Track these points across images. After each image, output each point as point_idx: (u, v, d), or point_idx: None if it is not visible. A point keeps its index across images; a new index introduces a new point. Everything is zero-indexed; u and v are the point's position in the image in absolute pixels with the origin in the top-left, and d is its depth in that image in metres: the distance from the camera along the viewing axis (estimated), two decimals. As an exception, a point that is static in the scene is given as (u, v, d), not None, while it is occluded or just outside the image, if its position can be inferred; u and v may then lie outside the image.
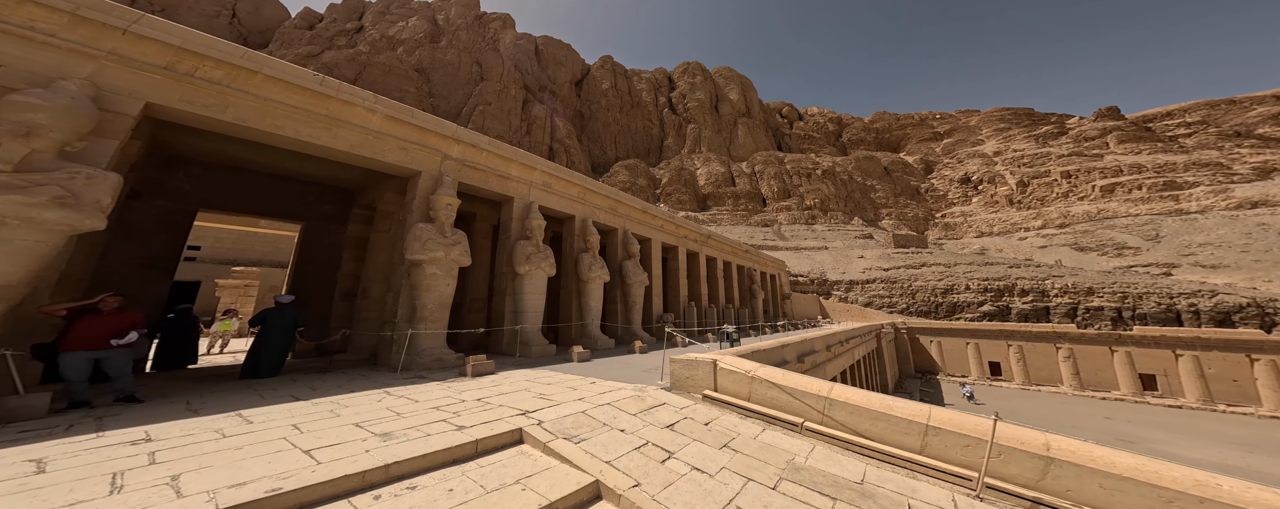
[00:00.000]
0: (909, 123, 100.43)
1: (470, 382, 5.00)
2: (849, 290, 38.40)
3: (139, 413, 3.55)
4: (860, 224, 64.10)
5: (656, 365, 6.64)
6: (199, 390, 4.68)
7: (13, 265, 3.32)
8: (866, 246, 51.19)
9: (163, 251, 7.45)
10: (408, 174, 7.89)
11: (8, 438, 2.83)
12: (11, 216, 3.22)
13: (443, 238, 7.27)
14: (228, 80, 5.20)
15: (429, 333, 6.68)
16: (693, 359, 4.37)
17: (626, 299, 12.66)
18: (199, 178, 7.96)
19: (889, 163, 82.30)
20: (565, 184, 11.47)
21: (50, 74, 3.93)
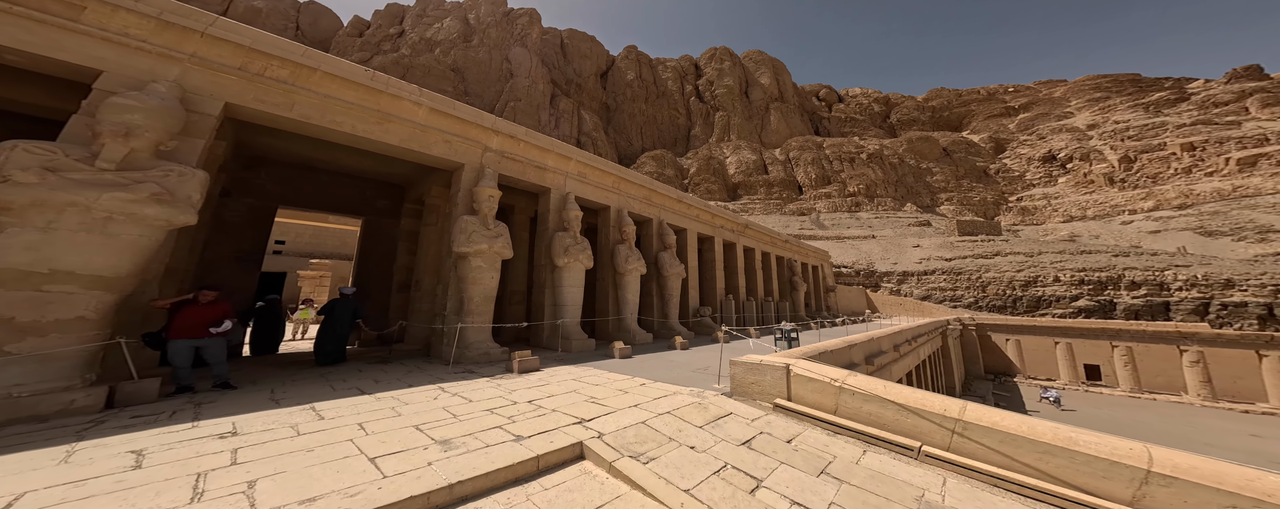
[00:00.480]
0: (973, 99, 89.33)
1: (517, 379, 5.00)
2: (902, 282, 35.26)
3: (230, 401, 3.87)
4: (914, 210, 58.52)
5: (706, 365, 6.30)
6: (281, 378, 5.10)
7: (121, 259, 3.66)
8: (923, 235, 46.62)
9: (251, 246, 8.28)
10: (452, 167, 8.05)
11: (120, 423, 3.16)
12: (118, 213, 3.52)
13: (486, 230, 7.35)
14: (292, 79, 5.45)
15: (476, 327, 6.82)
16: (758, 362, 3.96)
17: (663, 292, 12.36)
18: (278, 177, 8.72)
19: (949, 143, 73.90)
20: (599, 174, 11.26)
21: (142, 77, 4.27)
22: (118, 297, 3.71)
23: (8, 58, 3.87)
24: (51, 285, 3.33)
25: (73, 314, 3.41)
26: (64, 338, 3.36)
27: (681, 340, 8.79)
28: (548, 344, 8.74)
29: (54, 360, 3.30)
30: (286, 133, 6.99)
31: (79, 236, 3.38)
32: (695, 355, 7.64)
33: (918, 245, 41.09)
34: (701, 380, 4.99)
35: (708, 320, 13.45)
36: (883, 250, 41.11)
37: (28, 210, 3.18)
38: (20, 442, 2.67)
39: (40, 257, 3.24)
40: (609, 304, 10.85)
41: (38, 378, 3.23)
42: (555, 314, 8.94)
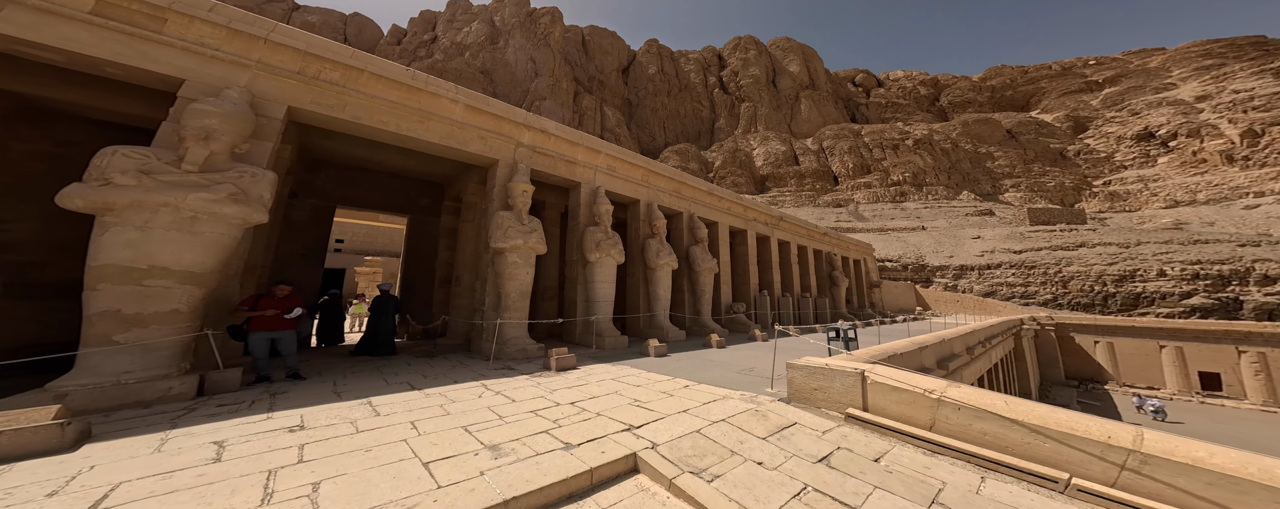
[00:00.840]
0: (1044, 75, 79.14)
1: (556, 377, 5.00)
2: (959, 277, 32.12)
3: (299, 392, 4.17)
4: (972, 199, 53.15)
5: (750, 365, 6.00)
6: (342, 370, 5.49)
7: (206, 255, 4.00)
8: (984, 225, 42.19)
9: (315, 243, 9.04)
10: (487, 163, 8.22)
11: (207, 411, 3.47)
12: (202, 212, 3.84)
13: (521, 225, 7.44)
14: (342, 80, 5.75)
15: (513, 323, 6.95)
16: (823, 367, 3.59)
17: (695, 288, 12.03)
18: (336, 179, 9.44)
19: (1014, 124, 66.16)
20: (629, 167, 11.09)
21: (217, 84, 4.66)
22: (206, 291, 4.08)
23: (109, 71, 4.35)
24: (150, 280, 3.71)
25: (169, 307, 3.78)
26: (162, 329, 3.74)
27: (717, 338, 8.47)
28: (581, 341, 8.77)
29: (154, 350, 3.69)
30: (341, 135, 7.47)
31: (171, 235, 3.73)
32: (734, 355, 7.31)
33: (978, 237, 37.21)
34: (750, 383, 4.73)
35: (742, 317, 12.95)
36: (935, 243, 37.68)
37: (128, 210, 3.55)
38: (126, 427, 3.01)
39: (140, 253, 3.62)
40: (640, 300, 10.72)
41: (142, 366, 3.61)
42: (587, 310, 8.95)
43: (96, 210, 3.49)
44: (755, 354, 7.36)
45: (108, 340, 3.50)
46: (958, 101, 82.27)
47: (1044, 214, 39.32)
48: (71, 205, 3.42)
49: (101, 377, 3.42)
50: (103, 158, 3.58)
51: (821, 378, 3.57)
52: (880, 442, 2.90)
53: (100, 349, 3.46)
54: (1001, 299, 29.46)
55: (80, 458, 2.39)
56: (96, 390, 3.36)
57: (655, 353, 6.96)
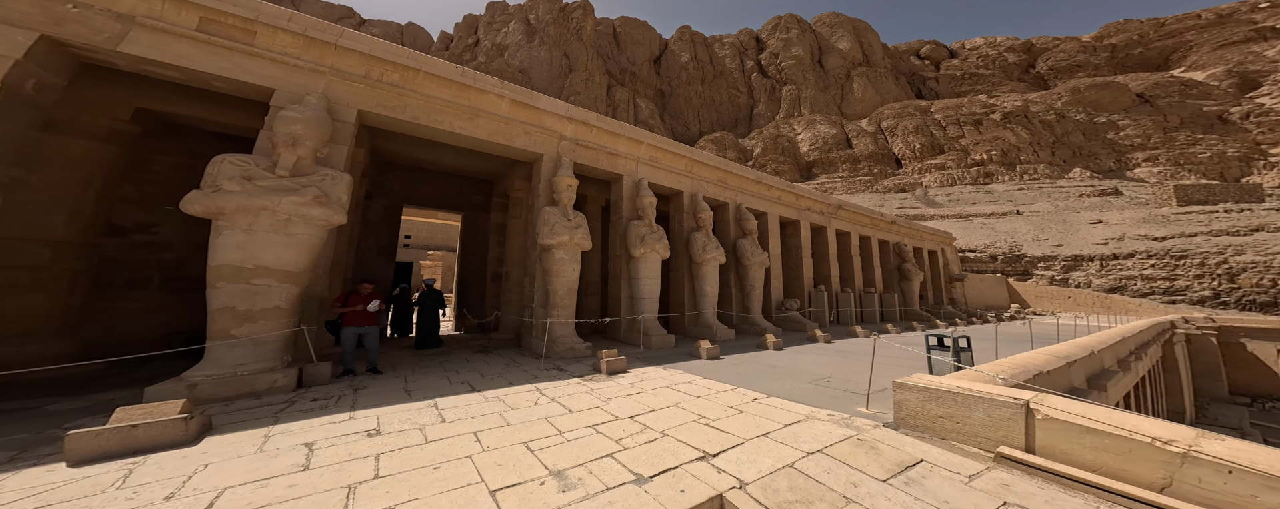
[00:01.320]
0: (1189, 25, 63.03)
1: (608, 382, 4.91)
2: (1070, 269, 26.96)
3: (377, 388, 4.52)
4: (1088, 176, 44.44)
5: (824, 374, 5.44)
6: (412, 366, 5.95)
7: (299, 255, 4.42)
8: (1107, 207, 35.00)
9: (387, 241, 10.02)
10: (531, 158, 8.34)
11: (303, 406, 3.78)
12: (293, 215, 4.23)
13: (567, 221, 7.43)
14: (401, 82, 6.09)
15: (561, 322, 7.01)
16: (955, 391, 2.92)
17: (743, 283, 11.34)
18: (401, 180, 10.34)
19: (1149, 87, 53.77)
20: (671, 157, 10.66)
21: (299, 92, 5.14)
22: (300, 289, 4.57)
23: (216, 85, 4.99)
24: (256, 279, 4.19)
25: (271, 304, 4.27)
26: (267, 325, 4.23)
27: (773, 339, 7.84)
28: (625, 339, 8.66)
29: (263, 344, 4.17)
30: (402, 137, 8.03)
31: (270, 236, 4.18)
32: (798, 359, 6.68)
33: (1099, 221, 30.90)
34: (833, 400, 4.20)
35: (796, 315, 11.99)
36: (1036, 229, 32.03)
37: (236, 214, 4.03)
38: (239, 420, 3.43)
39: (247, 254, 4.11)
40: (685, 297, 10.34)
41: (253, 359, 4.10)
42: (632, 308, 8.80)
43: (211, 214, 4.01)
44: (822, 360, 6.65)
45: (227, 334, 4.03)
46: (1062, 66, 68.80)
47: (1198, 191, 31.42)
48: (192, 210, 3.96)
49: (223, 368, 3.93)
50: (214, 166, 4.09)
51: (952, 404, 2.89)
52: (1069, 500, 2.17)
53: (221, 342, 4.00)
54: (1133, 296, 24.18)
55: (199, 454, 2.74)
56: (219, 380, 3.85)
57: (707, 355, 6.58)
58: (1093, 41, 70.54)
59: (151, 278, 6.57)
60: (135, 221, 6.31)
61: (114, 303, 6.08)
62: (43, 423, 3.41)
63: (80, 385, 4.50)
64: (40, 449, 2.81)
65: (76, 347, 5.14)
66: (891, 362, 6.32)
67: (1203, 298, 22.36)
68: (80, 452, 2.54)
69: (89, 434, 2.57)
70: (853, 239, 15.97)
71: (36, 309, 4.74)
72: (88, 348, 5.51)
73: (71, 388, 4.42)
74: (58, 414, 3.66)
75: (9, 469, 2.53)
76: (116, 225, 6.19)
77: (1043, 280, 27.83)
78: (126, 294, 6.23)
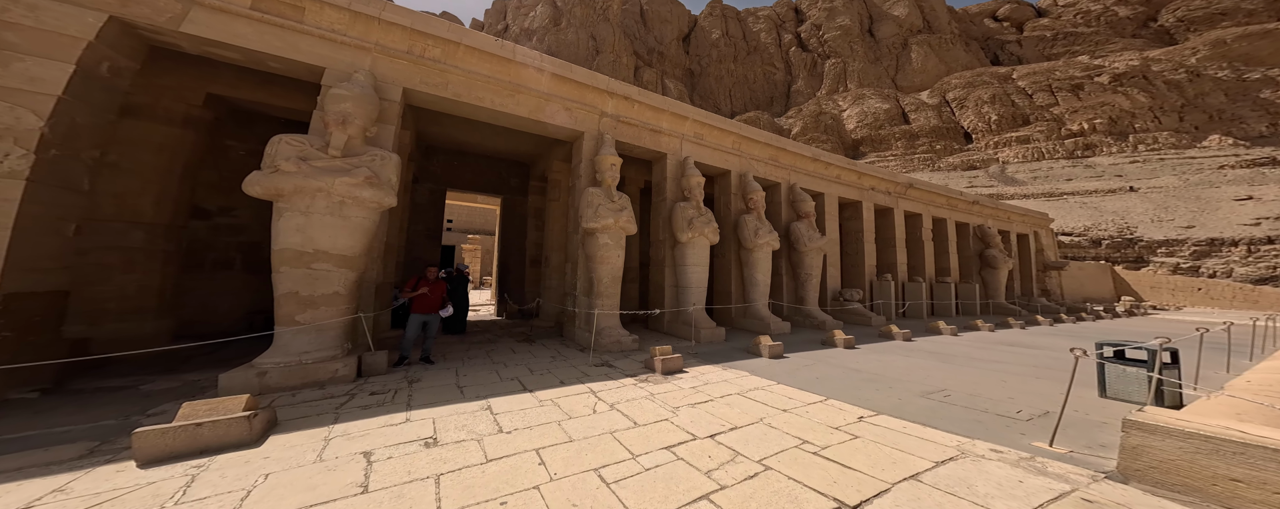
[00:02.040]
0: None
1: (665, 384, 4.52)
2: (1203, 256, 22.46)
3: (430, 383, 4.39)
4: (1230, 145, 36.62)
5: (939, 386, 4.59)
6: (459, 354, 5.97)
7: (353, 239, 4.36)
8: (1260, 180, 28.62)
9: (433, 224, 10.32)
10: (572, 136, 7.98)
11: (361, 402, 3.69)
12: (347, 197, 4.16)
13: (611, 203, 7.02)
14: (443, 57, 5.91)
15: (606, 313, 6.67)
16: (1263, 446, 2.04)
17: (797, 271, 10.39)
18: (443, 164, 10.57)
19: None
20: (718, 133, 9.82)
21: (347, 70, 5.07)
22: (357, 274, 4.53)
23: (272, 65, 5.06)
24: (315, 264, 4.13)
25: (331, 289, 4.25)
26: (329, 311, 4.22)
27: (842, 335, 6.99)
28: (670, 330, 8.22)
29: (324, 331, 4.18)
30: (445, 118, 7.97)
31: (327, 219, 4.16)
32: (882, 361, 5.89)
33: (1249, 197, 25.27)
34: (975, 423, 3.37)
35: (858, 307, 10.87)
36: (1156, 208, 26.97)
37: (294, 196, 4.03)
38: (301, 416, 3.42)
39: (305, 238, 4.12)
40: (732, 286, 9.64)
41: (316, 346, 4.09)
42: (678, 298, 8.29)
43: (271, 196, 4.04)
44: (916, 363, 5.76)
45: (292, 320, 4.05)
46: (1198, 16, 56.42)
47: None
48: (253, 192, 4.01)
49: (289, 355, 3.97)
50: (272, 146, 4.10)
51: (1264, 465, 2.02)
52: None
53: (288, 328, 4.04)
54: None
55: (261, 459, 2.70)
56: (286, 368, 3.90)
57: (769, 353, 5.95)
58: None
59: (234, 259, 7.14)
60: (218, 205, 6.84)
61: (203, 283, 6.67)
62: (135, 405, 3.65)
63: (175, 363, 4.91)
64: (119, 442, 2.92)
65: (172, 324, 5.65)
66: (1025, 371, 5.34)
67: None
68: (148, 452, 2.57)
69: (155, 433, 2.60)
70: (924, 222, 14.17)
71: (132, 289, 5.19)
72: (182, 325, 6.07)
73: (167, 366, 4.82)
74: (152, 394, 3.94)
75: (84, 466, 2.59)
76: (201, 209, 6.74)
77: (1163, 269, 23.44)
78: (215, 274, 6.82)
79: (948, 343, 7.59)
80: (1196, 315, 16.12)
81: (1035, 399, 3.95)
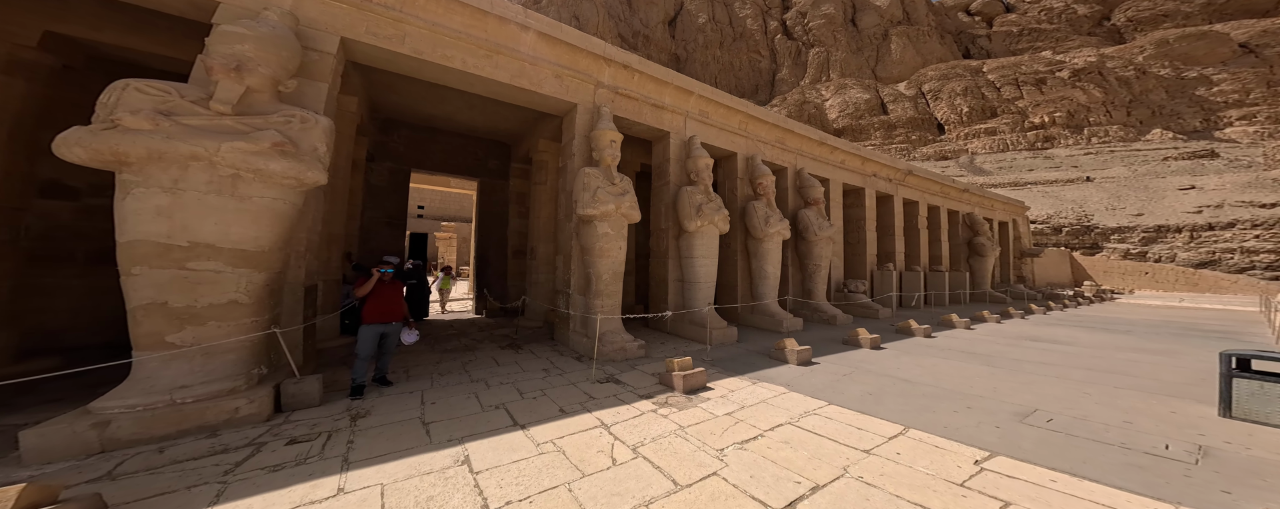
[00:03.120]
0: None
1: (693, 408, 3.57)
2: (1151, 242, 23.98)
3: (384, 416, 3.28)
4: (1170, 138, 39.28)
5: (1019, 401, 3.87)
6: (426, 369, 4.77)
7: (260, 228, 3.07)
8: (1200, 171, 30.84)
9: (395, 210, 8.78)
10: (563, 109, 6.71)
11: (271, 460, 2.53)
12: (243, 169, 2.87)
13: (611, 185, 5.90)
14: (398, 3, 4.52)
15: (607, 316, 5.63)
16: None
17: (805, 262, 9.72)
18: (408, 141, 8.97)
19: (1254, 35, 46.05)
20: (724, 112, 8.78)
21: (253, 6, 3.61)
22: (267, 275, 3.22)
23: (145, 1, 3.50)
24: (195, 263, 2.84)
25: (224, 298, 2.97)
26: (222, 327, 2.95)
27: (867, 334, 6.33)
28: (674, 330, 7.33)
29: (215, 355, 2.91)
30: (407, 87, 6.49)
31: (210, 200, 2.85)
32: (925, 366, 5.17)
33: (1192, 187, 27.08)
34: (1132, 469, 2.54)
35: (863, 298, 10.41)
36: (1110, 197, 28.51)
37: (148, 166, 2.68)
38: (162, 487, 2.22)
39: (175, 225, 2.77)
40: (739, 279, 8.83)
41: (202, 377, 2.82)
42: (683, 294, 7.38)
43: (106, 164, 2.67)
44: (961, 367, 5.11)
45: (160, 341, 2.75)
46: (1145, 17, 59.73)
47: None
48: (71, 156, 2.61)
49: (154, 393, 2.68)
50: (111, 94, 2.71)
51: None
52: None
53: (154, 354, 2.72)
54: (1228, 270, 21.29)
55: None
56: (147, 414, 2.61)
57: (797, 359, 5.17)
58: None
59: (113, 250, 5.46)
60: (88, 182, 5.00)
61: (72, 281, 4.91)
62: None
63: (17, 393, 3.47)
64: None
65: (13, 338, 4.08)
66: (1093, 378, 4.68)
67: (1321, 275, 19.30)
68: None
69: None
70: (921, 209, 13.88)
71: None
72: (45, 338, 4.52)
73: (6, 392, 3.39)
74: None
75: None
76: (65, 186, 4.96)
77: (1115, 254, 24.93)
78: (91, 270, 5.04)
79: (971, 339, 7.11)
80: (1156, 299, 17.03)
81: (1160, 424, 3.21)
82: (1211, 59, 45.17)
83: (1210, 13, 55.65)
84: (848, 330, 7.07)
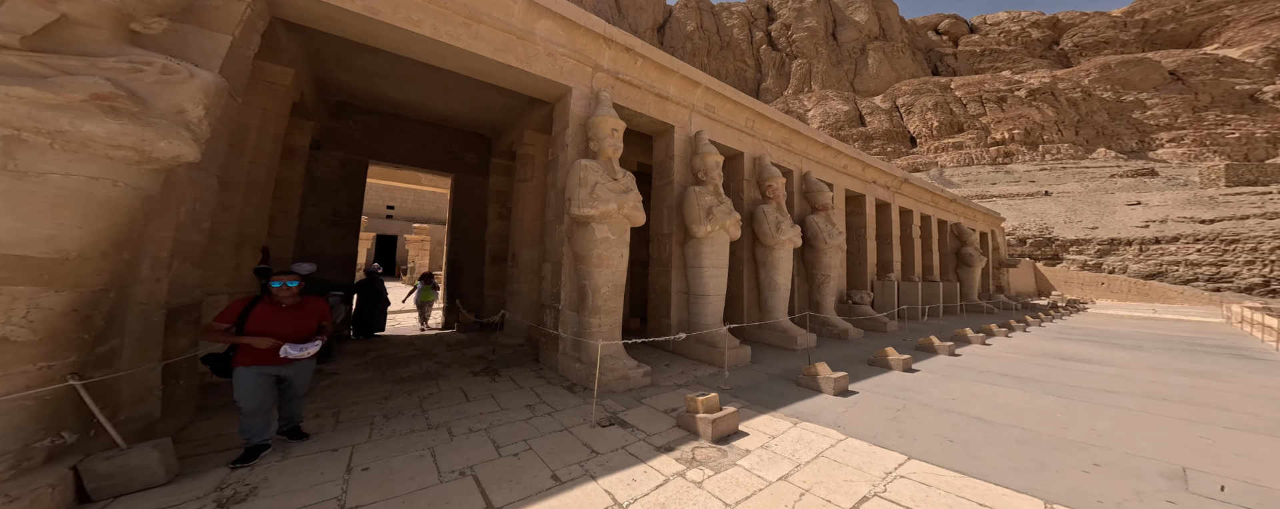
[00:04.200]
0: (1228, 0, 59.15)
1: (731, 468, 2.71)
2: (1105, 254, 25.47)
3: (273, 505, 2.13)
4: (1112, 157, 42.48)
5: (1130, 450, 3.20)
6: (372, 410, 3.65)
7: (58, 222, 1.88)
8: (1143, 188, 33.30)
9: (346, 208, 7.34)
10: (556, 93, 5.69)
11: None
12: (32, 130, 1.67)
13: (613, 182, 4.94)
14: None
15: (607, 339, 4.69)
16: None
17: (813, 272, 9.10)
18: (366, 128, 7.57)
19: (1181, 64, 50.95)
20: (731, 107, 8.04)
21: None
22: (71, 296, 2.00)
23: None
24: None
25: None
26: None
27: (896, 354, 5.63)
28: (677, 349, 6.41)
29: None
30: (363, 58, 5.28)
31: None
32: (976, 394, 4.52)
33: (1138, 203, 29.11)
34: None
35: (868, 310, 9.90)
36: (1068, 211, 30.22)
37: None
38: None
39: None
40: (745, 290, 8.03)
41: None
42: (689, 308, 6.49)
43: None
44: (1020, 397, 4.45)
45: None
46: (1089, 43, 65.53)
47: (1253, 172, 29.72)
48: None
49: None
50: None
51: None
52: None
53: None
54: (1174, 282, 22.79)
55: None
56: None
57: (834, 388, 4.37)
58: (1123, 17, 66.88)
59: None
60: None
61: None
62: None
63: None
64: None
65: None
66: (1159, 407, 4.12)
67: (1252, 285, 20.97)
68: None
69: None
70: (915, 218, 13.71)
71: None
72: None
73: None
74: None
75: None
76: None
77: (1074, 265, 26.31)
78: None
79: (1000, 358, 6.55)
80: (1122, 309, 17.76)
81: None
82: (1146, 84, 49.69)
83: (1143, 42, 61.66)
84: (865, 347, 6.41)
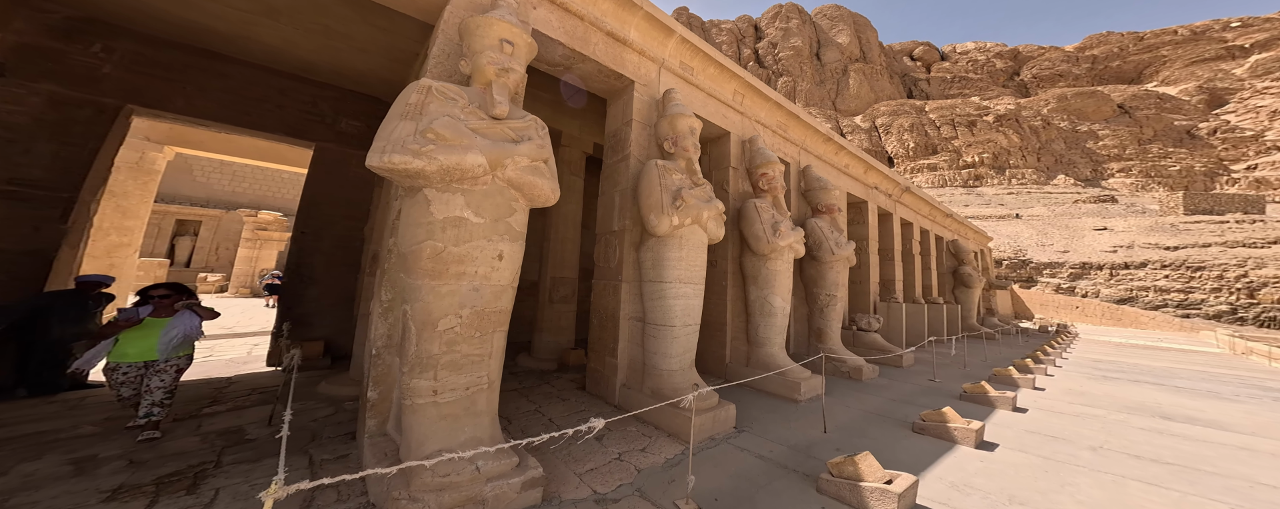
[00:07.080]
0: (1166, 41, 66.15)
1: None
2: (1078, 278, 25.51)
3: None
4: (1071, 184, 44.63)
5: None
6: None
7: None
8: (1107, 214, 34.49)
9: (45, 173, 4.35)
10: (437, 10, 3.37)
11: None
12: None
13: (480, 115, 2.68)
14: None
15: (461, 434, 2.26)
16: None
17: (813, 290, 7.10)
18: (134, 61, 4.75)
19: (1127, 98, 55.45)
20: (715, 71, 6.02)
21: None
22: None
23: None
24: None
25: None
26: None
27: (960, 421, 3.56)
28: (623, 401, 4.06)
29: None
30: None
31: None
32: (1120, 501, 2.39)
33: (1105, 228, 29.81)
34: None
35: (876, 338, 7.97)
36: (1040, 234, 30.60)
37: None
38: None
39: None
40: (727, 314, 5.83)
41: None
42: (648, 347, 4.24)
43: None
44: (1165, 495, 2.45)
45: None
46: (1046, 75, 71.07)
47: (1207, 201, 31.31)
48: None
49: None
50: None
51: None
52: None
53: None
54: (1145, 308, 22.80)
55: None
56: None
57: (901, 503, 2.13)
58: (1075, 52, 73.10)
59: None
60: None
61: None
62: None
63: None
64: None
65: None
66: None
67: (1219, 312, 21.16)
68: None
69: None
70: (915, 232, 12.20)
71: None
72: None
73: None
74: None
75: None
76: None
77: (1048, 288, 26.25)
78: None
79: (1075, 416, 4.57)
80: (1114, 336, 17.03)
81: None
82: (1098, 116, 53.44)
83: (1093, 76, 67.25)
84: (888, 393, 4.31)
